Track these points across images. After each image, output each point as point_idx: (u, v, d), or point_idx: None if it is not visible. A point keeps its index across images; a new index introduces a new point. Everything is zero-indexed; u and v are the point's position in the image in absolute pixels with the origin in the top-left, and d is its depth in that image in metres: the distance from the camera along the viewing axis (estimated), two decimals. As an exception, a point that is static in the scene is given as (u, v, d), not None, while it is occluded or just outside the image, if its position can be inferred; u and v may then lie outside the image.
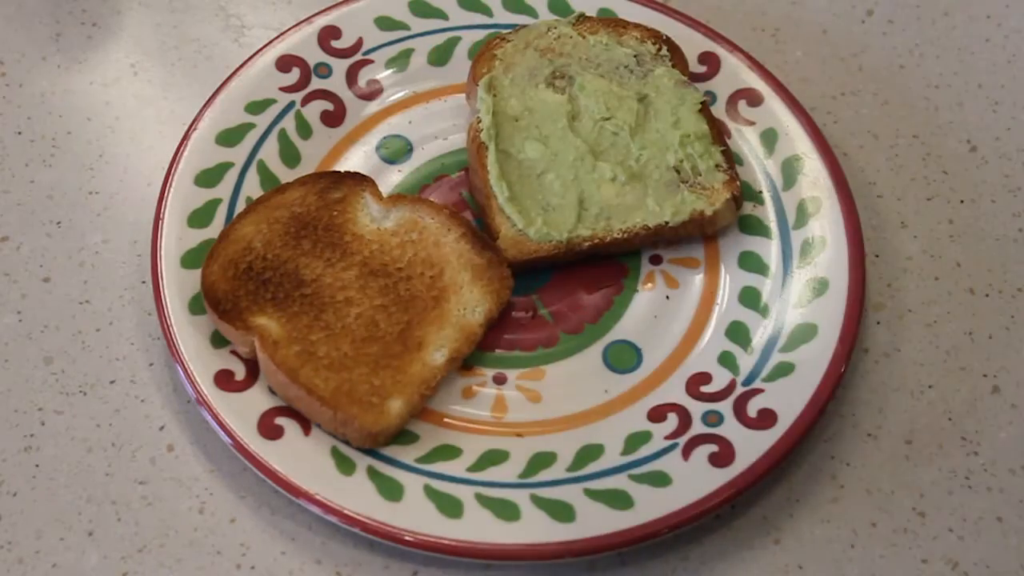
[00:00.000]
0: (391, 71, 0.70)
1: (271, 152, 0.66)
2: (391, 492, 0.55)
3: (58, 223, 0.66)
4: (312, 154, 0.67)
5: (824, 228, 0.64)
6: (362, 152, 0.68)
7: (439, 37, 0.71)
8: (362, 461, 0.57)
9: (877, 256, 0.66)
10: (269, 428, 0.57)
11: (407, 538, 0.54)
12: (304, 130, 0.67)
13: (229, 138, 0.66)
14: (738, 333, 0.61)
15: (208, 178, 0.64)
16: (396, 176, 0.67)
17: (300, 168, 0.66)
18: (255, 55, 0.69)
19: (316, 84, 0.69)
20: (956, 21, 0.76)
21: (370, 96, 0.69)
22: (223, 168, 0.65)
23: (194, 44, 0.73)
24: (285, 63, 0.69)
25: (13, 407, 0.60)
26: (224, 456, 0.58)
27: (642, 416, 0.59)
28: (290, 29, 0.70)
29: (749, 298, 0.63)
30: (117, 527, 0.57)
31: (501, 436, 0.58)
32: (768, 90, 0.68)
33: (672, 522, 0.54)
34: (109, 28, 0.74)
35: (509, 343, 0.62)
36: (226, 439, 0.57)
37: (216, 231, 0.62)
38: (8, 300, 0.63)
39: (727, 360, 0.61)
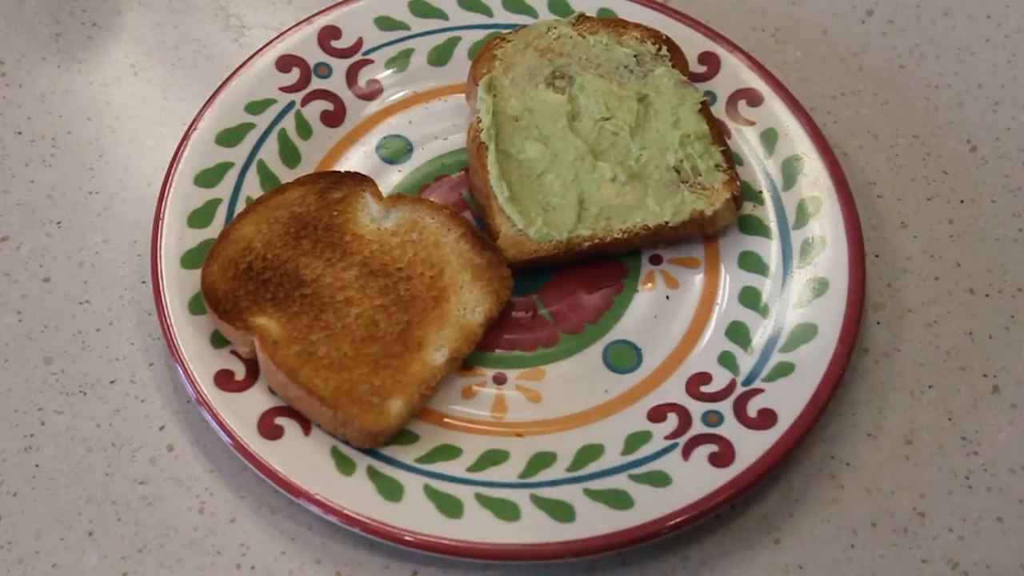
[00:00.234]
0: (391, 71, 0.70)
1: (271, 152, 0.66)
2: (391, 492, 0.55)
3: (58, 223, 0.66)
4: (312, 154, 0.67)
5: (824, 228, 0.64)
6: (362, 152, 0.68)
7: (439, 37, 0.71)
8: (362, 461, 0.57)
9: (877, 256, 0.66)
10: (269, 428, 0.57)
11: (407, 538, 0.54)
12: (304, 130, 0.67)
13: (229, 138, 0.66)
14: (738, 333, 0.61)
15: (208, 178, 0.64)
16: (396, 176, 0.67)
17: (300, 168, 0.66)
18: (255, 55, 0.69)
19: (316, 84, 0.69)
20: (956, 21, 0.76)
21: (370, 96, 0.69)
22: (223, 168, 0.65)
23: (194, 44, 0.73)
24: (285, 63, 0.69)
25: (13, 407, 0.60)
26: (224, 456, 0.58)
27: (642, 416, 0.59)
28: (290, 29, 0.70)
29: (749, 298, 0.63)
30: (117, 527, 0.57)
31: (501, 436, 0.58)
32: (768, 90, 0.68)
33: (672, 522, 0.54)
34: (109, 28, 0.74)
35: (509, 343, 0.62)
36: (226, 439, 0.57)
37: (216, 231, 0.62)
38: (8, 300, 0.63)
39: (727, 360, 0.61)
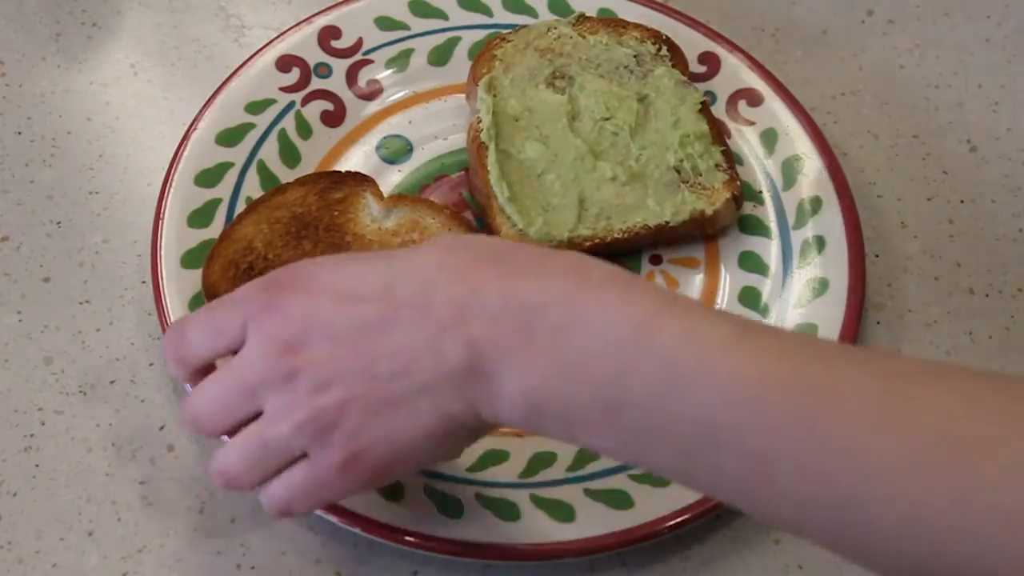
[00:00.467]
0: (391, 71, 0.70)
1: (271, 152, 0.66)
2: (391, 492, 0.55)
3: (58, 223, 0.66)
4: (312, 154, 0.67)
5: (824, 228, 0.64)
6: (362, 152, 0.68)
7: (439, 37, 0.71)
8: (362, 461, 0.56)
9: (877, 256, 0.66)
10: (269, 428, 0.57)
11: (407, 538, 0.54)
12: (304, 130, 0.67)
13: (229, 138, 0.66)
14: (738, 333, 0.61)
15: (208, 178, 0.64)
16: (396, 176, 0.67)
17: (300, 168, 0.66)
18: (255, 55, 0.69)
19: (316, 84, 0.69)
20: (956, 21, 0.76)
21: (370, 96, 0.69)
22: (223, 168, 0.65)
23: (194, 44, 0.73)
24: (285, 63, 0.69)
25: (13, 407, 0.60)
26: (224, 456, 0.58)
27: (642, 416, 0.59)
28: (290, 29, 0.70)
29: (749, 298, 0.63)
30: (117, 527, 0.57)
31: (501, 436, 0.58)
32: (768, 90, 0.68)
33: (672, 522, 0.54)
34: (109, 28, 0.74)
35: (509, 343, 0.62)
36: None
37: (216, 231, 0.62)
38: (8, 300, 0.63)
39: (727, 360, 0.60)
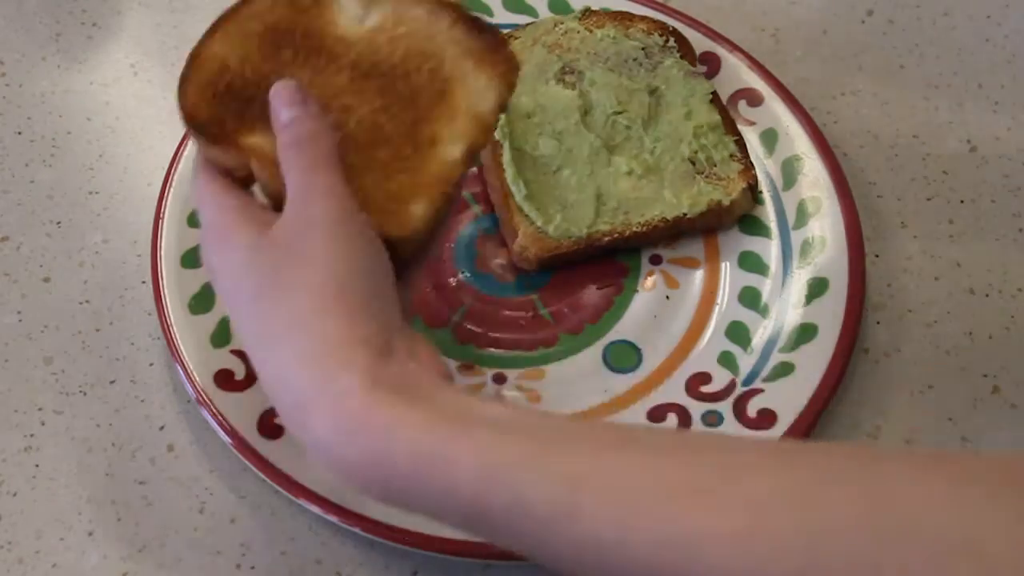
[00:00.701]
0: (391, 71, 0.70)
1: (271, 152, 0.66)
2: (391, 492, 0.55)
3: (58, 223, 0.66)
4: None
5: (824, 228, 0.64)
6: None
7: (439, 37, 0.71)
8: (362, 461, 0.56)
9: (877, 256, 0.66)
10: (269, 427, 0.57)
11: (407, 538, 0.54)
12: (304, 130, 0.67)
13: (229, 138, 0.66)
14: (738, 333, 0.61)
15: (208, 178, 0.64)
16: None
17: (300, 168, 0.66)
18: (255, 55, 0.68)
19: (316, 84, 0.68)
20: (956, 21, 0.76)
21: (372, 97, 0.69)
22: (223, 168, 0.65)
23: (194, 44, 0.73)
24: (285, 63, 0.68)
25: (13, 407, 0.60)
26: (224, 456, 0.58)
27: (642, 416, 0.59)
28: (290, 29, 0.70)
29: (749, 298, 0.63)
30: (117, 527, 0.57)
31: (501, 436, 0.58)
32: (768, 90, 0.68)
33: (672, 522, 0.54)
34: (109, 28, 0.74)
35: (509, 343, 0.62)
36: (226, 439, 0.56)
37: (216, 231, 0.62)
38: (8, 300, 0.63)
39: (727, 360, 0.60)
